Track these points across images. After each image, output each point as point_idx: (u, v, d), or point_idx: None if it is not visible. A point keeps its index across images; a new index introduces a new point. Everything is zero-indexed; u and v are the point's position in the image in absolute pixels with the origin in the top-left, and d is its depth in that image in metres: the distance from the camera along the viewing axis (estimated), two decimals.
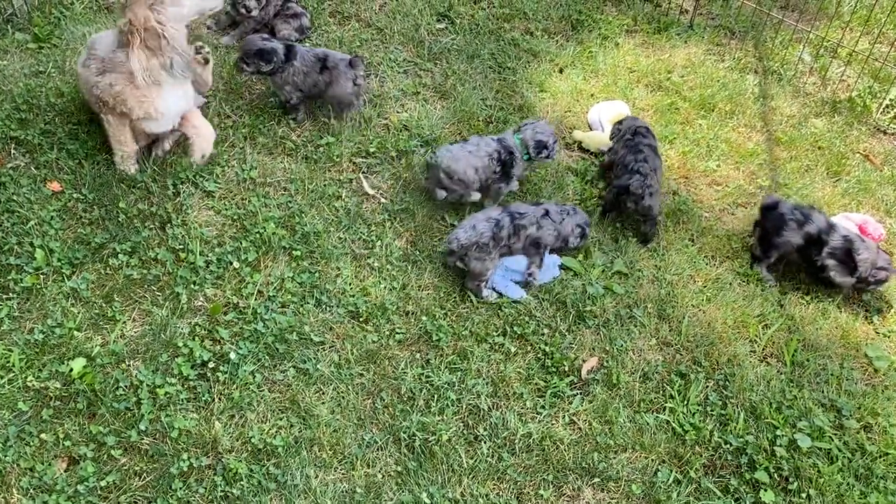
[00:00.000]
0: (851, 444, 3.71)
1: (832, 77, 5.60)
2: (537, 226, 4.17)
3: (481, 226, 4.07)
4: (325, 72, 4.69)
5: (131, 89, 4.09)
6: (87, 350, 3.63)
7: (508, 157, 4.39)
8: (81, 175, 4.29)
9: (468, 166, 4.31)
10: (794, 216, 4.22)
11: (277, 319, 3.83)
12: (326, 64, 4.70)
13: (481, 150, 4.36)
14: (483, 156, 4.35)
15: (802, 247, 4.22)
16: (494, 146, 4.39)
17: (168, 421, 3.44)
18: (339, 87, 4.71)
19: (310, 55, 4.70)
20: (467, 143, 4.42)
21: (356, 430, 3.55)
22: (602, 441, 3.61)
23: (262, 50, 4.57)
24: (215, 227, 4.20)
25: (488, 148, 4.38)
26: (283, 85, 4.67)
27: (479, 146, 4.38)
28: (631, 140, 4.52)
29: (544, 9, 5.81)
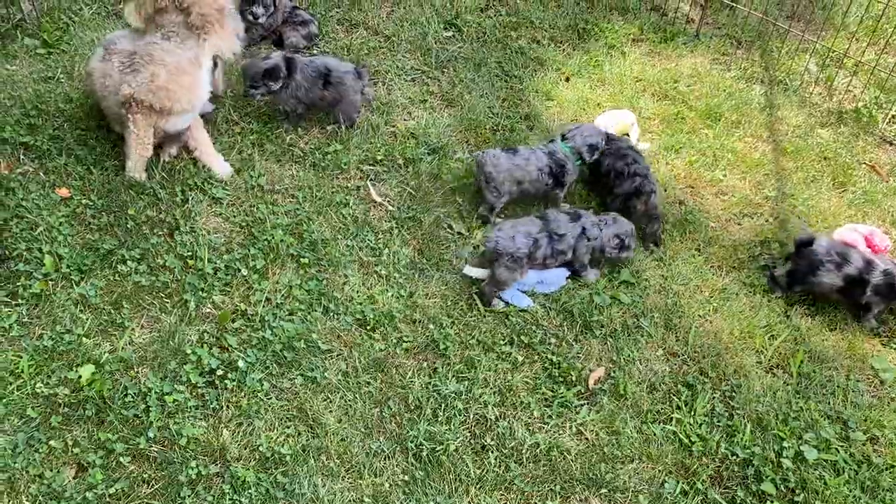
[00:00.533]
0: (858, 456, 3.71)
1: (838, 87, 5.61)
2: (573, 249, 4.19)
3: (520, 240, 4.08)
4: (329, 87, 4.70)
5: (178, 78, 4.10)
6: (96, 357, 3.63)
7: (560, 170, 4.46)
8: (90, 181, 4.31)
9: (509, 179, 4.37)
10: (831, 258, 4.19)
11: (285, 327, 3.84)
12: (330, 79, 4.70)
13: (531, 165, 4.41)
14: (532, 170, 4.40)
15: (843, 287, 4.22)
16: (546, 161, 4.44)
17: (176, 428, 3.45)
18: (349, 103, 4.73)
19: (309, 68, 4.69)
20: (516, 155, 4.44)
21: (363, 438, 3.56)
22: (609, 452, 3.62)
23: (268, 70, 4.56)
24: (223, 233, 4.21)
25: (539, 162, 4.42)
26: (287, 99, 4.68)
27: (528, 159, 4.42)
28: (609, 148, 4.55)
29: (551, 18, 5.83)
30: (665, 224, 4.56)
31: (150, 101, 4.08)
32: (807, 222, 4.59)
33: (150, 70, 4.06)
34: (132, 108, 4.10)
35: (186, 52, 4.15)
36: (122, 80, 4.09)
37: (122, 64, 4.11)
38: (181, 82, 4.12)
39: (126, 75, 4.08)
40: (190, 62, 4.16)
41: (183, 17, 4.13)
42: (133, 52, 4.12)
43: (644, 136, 5.07)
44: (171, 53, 4.11)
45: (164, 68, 4.07)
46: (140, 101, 4.07)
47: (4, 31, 5.09)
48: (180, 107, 4.16)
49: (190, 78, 4.16)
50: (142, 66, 4.08)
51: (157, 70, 4.06)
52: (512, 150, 4.49)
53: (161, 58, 4.08)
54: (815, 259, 4.19)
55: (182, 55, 4.13)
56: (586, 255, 4.22)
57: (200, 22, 4.13)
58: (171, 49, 4.11)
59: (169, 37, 4.13)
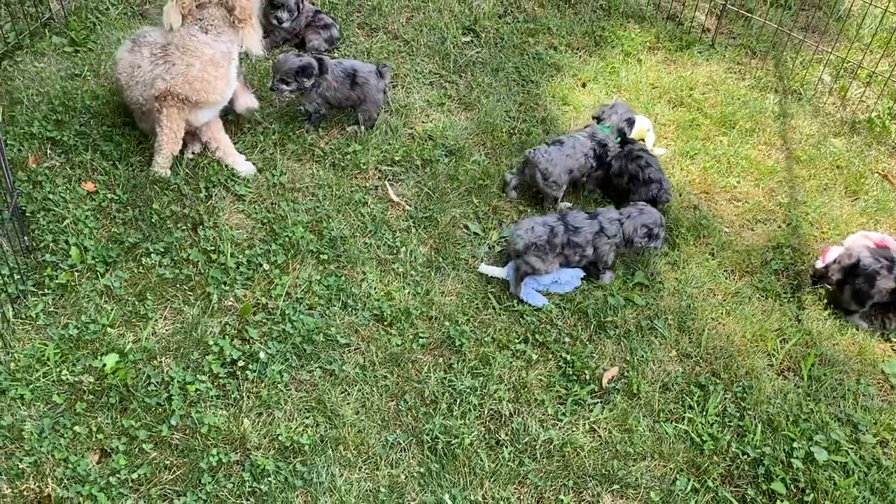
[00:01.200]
0: (867, 459, 3.75)
1: (852, 98, 5.67)
2: (592, 246, 4.24)
3: (538, 229, 4.19)
4: (356, 87, 4.80)
5: (212, 69, 4.21)
6: (120, 346, 3.72)
7: (603, 150, 4.66)
8: (115, 176, 4.40)
9: (564, 170, 4.56)
10: (881, 264, 4.26)
11: (305, 321, 3.91)
12: (356, 80, 4.80)
13: (577, 152, 4.60)
14: (580, 156, 4.60)
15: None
16: (590, 144, 4.64)
17: (198, 417, 3.53)
18: (372, 102, 4.83)
19: (339, 69, 4.80)
20: (563, 146, 4.60)
21: (380, 430, 3.62)
22: (622, 449, 3.67)
23: (302, 67, 4.65)
24: (246, 229, 4.29)
25: (584, 148, 4.62)
26: (315, 98, 4.77)
27: (574, 147, 4.61)
28: (622, 150, 4.66)
29: (568, 24, 5.91)
30: (680, 228, 4.62)
31: (186, 92, 4.18)
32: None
33: (186, 61, 4.17)
34: (167, 101, 4.20)
35: (221, 45, 4.26)
36: (154, 73, 4.19)
37: (154, 55, 4.22)
38: (215, 73, 4.22)
39: (159, 67, 4.19)
40: (223, 55, 4.27)
41: (222, 11, 4.23)
42: (167, 45, 4.22)
43: (659, 142, 5.13)
44: (208, 45, 4.22)
45: (198, 60, 4.17)
46: (176, 93, 4.17)
47: (33, 30, 5.20)
48: (215, 98, 4.27)
49: (224, 70, 4.28)
50: (177, 57, 4.18)
51: (193, 61, 4.17)
52: (558, 141, 4.64)
53: (196, 48, 4.19)
54: (868, 272, 4.25)
55: (217, 47, 4.25)
56: (610, 254, 4.26)
57: (242, 16, 4.24)
58: (208, 41, 4.23)
59: (207, 30, 4.24)
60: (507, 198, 4.70)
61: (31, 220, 4.14)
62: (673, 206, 4.74)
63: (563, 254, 4.22)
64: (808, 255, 4.61)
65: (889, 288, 4.25)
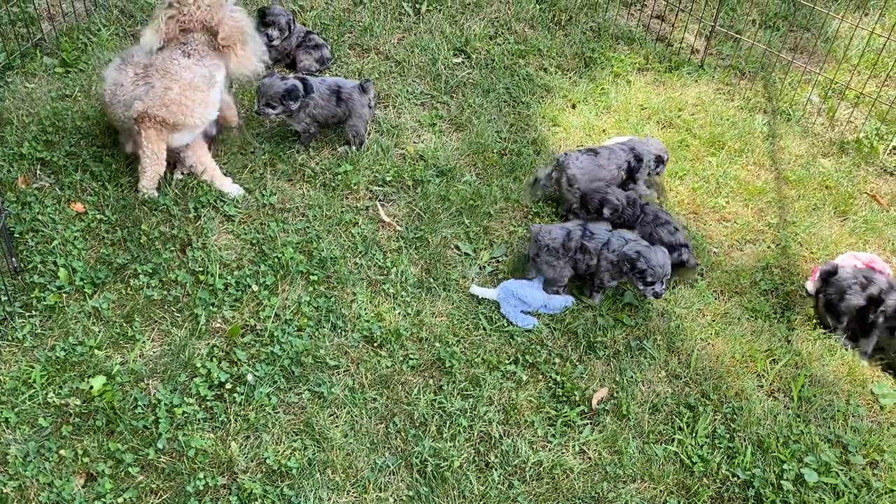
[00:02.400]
0: (857, 480, 3.75)
1: (840, 118, 5.71)
2: (597, 257, 4.25)
3: (556, 231, 4.26)
4: (341, 103, 4.83)
5: (191, 93, 4.22)
6: (108, 368, 3.70)
7: (638, 165, 4.75)
8: (105, 197, 4.40)
9: (592, 180, 4.64)
10: (856, 280, 4.27)
11: (294, 342, 3.90)
12: (341, 95, 4.83)
13: (611, 163, 4.71)
14: (612, 168, 4.70)
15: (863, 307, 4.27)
16: (624, 157, 4.73)
17: (185, 440, 3.50)
18: (357, 116, 4.85)
19: (323, 87, 4.83)
20: (597, 157, 4.70)
21: (369, 453, 3.60)
22: (612, 471, 3.66)
23: (288, 90, 4.66)
24: (234, 250, 4.29)
25: (618, 160, 4.72)
26: (304, 118, 4.78)
27: (609, 159, 4.72)
28: (641, 213, 4.58)
29: (558, 46, 5.94)
30: None
31: (163, 115, 4.18)
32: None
33: (164, 84, 4.18)
34: (145, 122, 4.20)
35: (202, 69, 4.27)
36: (134, 94, 4.21)
37: (136, 75, 4.23)
38: (194, 97, 4.23)
39: (139, 88, 4.20)
40: (203, 79, 4.28)
41: (207, 36, 4.25)
42: (149, 65, 4.23)
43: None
44: (188, 70, 4.23)
45: (177, 83, 4.18)
46: (153, 115, 4.18)
47: (24, 50, 5.21)
48: (192, 121, 4.27)
49: (203, 94, 4.28)
50: (157, 80, 4.19)
51: (171, 84, 4.17)
52: (592, 151, 4.77)
53: (176, 72, 4.20)
54: (840, 284, 4.26)
55: (197, 71, 4.25)
56: (605, 273, 4.25)
57: (225, 43, 4.26)
58: (189, 65, 4.24)
59: (190, 54, 4.25)
60: (531, 197, 4.80)
61: (19, 242, 4.13)
62: None
63: (575, 258, 4.26)
64: (798, 275, 4.62)
65: (857, 305, 4.26)
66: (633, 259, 4.11)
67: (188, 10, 4.19)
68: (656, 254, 4.11)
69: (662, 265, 4.09)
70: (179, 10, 4.19)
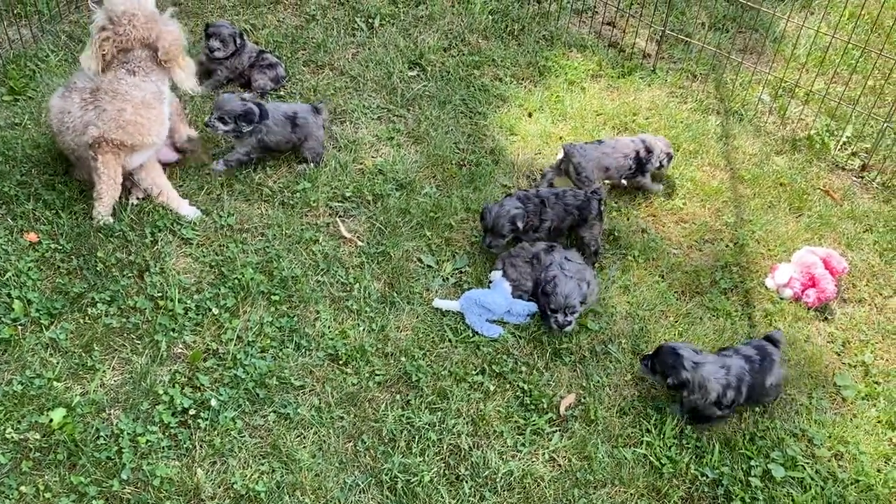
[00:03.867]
0: (823, 473, 3.80)
1: (791, 116, 5.81)
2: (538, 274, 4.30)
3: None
4: (296, 129, 4.80)
5: (145, 112, 4.16)
6: (67, 400, 3.62)
7: (647, 155, 4.91)
8: (59, 225, 4.32)
9: (597, 167, 4.77)
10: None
11: (257, 364, 3.86)
12: (297, 121, 4.81)
13: (617, 152, 4.85)
14: (618, 156, 4.84)
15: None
16: (633, 146, 4.89)
17: (150, 469, 3.44)
18: (314, 139, 4.85)
19: (278, 113, 4.79)
20: (604, 145, 4.87)
21: (338, 473, 3.57)
22: (582, 477, 3.67)
23: (245, 112, 4.63)
24: (194, 273, 4.23)
25: (626, 149, 4.87)
26: (252, 143, 4.74)
27: (615, 147, 4.87)
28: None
29: (512, 56, 5.98)
30: (633, 251, 4.67)
31: (121, 137, 4.12)
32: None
33: (117, 106, 4.12)
34: (102, 147, 4.14)
35: (150, 85, 4.23)
36: (85, 119, 4.14)
37: (83, 101, 4.16)
38: (148, 115, 4.18)
39: (89, 113, 4.13)
40: (154, 95, 4.24)
41: (148, 52, 4.20)
42: (96, 89, 4.17)
43: None
44: (137, 87, 4.18)
45: (129, 103, 4.13)
46: (111, 139, 4.11)
47: None
48: (150, 140, 4.22)
49: (156, 111, 4.23)
50: (107, 102, 4.13)
51: (124, 105, 4.12)
52: (598, 140, 4.94)
53: (126, 92, 4.15)
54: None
55: (146, 88, 4.21)
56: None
57: (167, 57, 4.21)
58: (137, 83, 4.19)
59: (135, 72, 4.20)
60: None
61: None
62: (622, 231, 4.79)
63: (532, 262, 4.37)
64: (757, 272, 4.69)
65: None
66: (544, 283, 4.17)
67: (123, 29, 4.13)
68: (566, 284, 4.09)
69: (566, 296, 4.06)
70: (114, 31, 4.13)
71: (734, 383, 3.80)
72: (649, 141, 4.97)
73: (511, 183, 5.04)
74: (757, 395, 3.91)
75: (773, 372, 3.90)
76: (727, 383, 3.78)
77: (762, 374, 3.87)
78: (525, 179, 5.09)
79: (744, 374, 3.83)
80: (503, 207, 4.41)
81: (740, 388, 3.81)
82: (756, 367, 3.87)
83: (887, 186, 5.38)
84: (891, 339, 4.46)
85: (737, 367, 3.84)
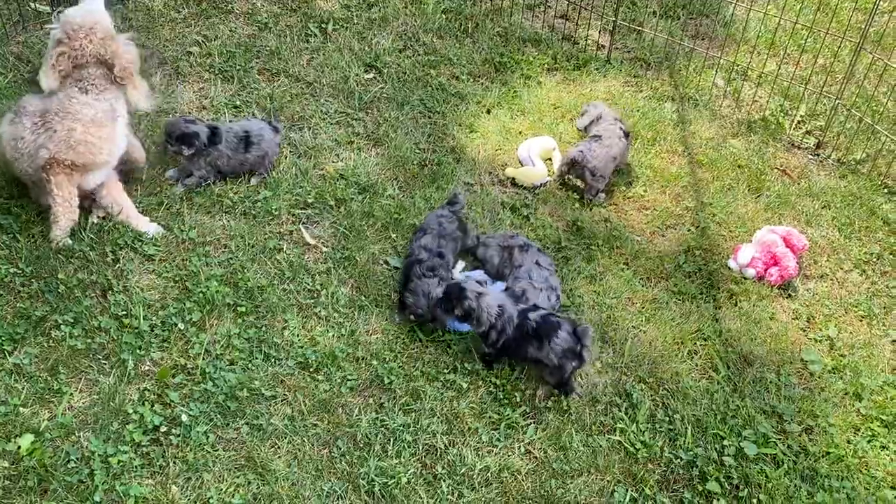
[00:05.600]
0: (795, 448, 3.86)
1: (745, 99, 5.89)
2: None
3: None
4: (251, 147, 4.77)
5: (95, 130, 4.10)
6: (35, 425, 3.57)
7: (629, 130, 5.15)
8: (16, 249, 4.25)
9: (608, 160, 4.90)
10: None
11: (227, 377, 3.83)
12: (251, 140, 4.77)
13: (614, 138, 4.96)
14: (616, 140, 4.96)
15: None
16: (616, 125, 5.04)
17: (123, 489, 3.40)
18: (273, 155, 4.86)
19: (231, 135, 4.75)
20: (602, 140, 4.94)
21: (314, 481, 3.55)
22: (558, 467, 3.69)
23: (184, 134, 4.61)
24: (157, 290, 4.19)
25: (617, 133, 5.00)
26: (203, 166, 4.71)
27: (611, 137, 4.95)
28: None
29: (467, 53, 6.00)
30: (596, 240, 4.71)
31: (71, 157, 4.06)
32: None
33: (67, 126, 4.06)
34: (54, 169, 4.08)
35: (103, 103, 4.18)
36: (37, 143, 4.07)
37: (34, 124, 4.09)
38: (99, 134, 4.13)
39: (40, 136, 4.07)
40: (106, 113, 4.18)
41: (103, 70, 4.15)
42: (45, 111, 4.11)
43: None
44: (88, 106, 4.13)
45: (79, 122, 4.07)
46: (62, 160, 4.05)
47: None
48: (102, 159, 4.17)
49: (108, 129, 4.18)
50: (56, 123, 4.07)
51: (73, 125, 4.06)
52: (596, 137, 4.98)
53: (77, 111, 4.09)
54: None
55: (98, 106, 4.16)
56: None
57: (123, 74, 4.16)
58: (88, 101, 4.14)
59: (87, 90, 4.15)
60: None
61: None
62: (585, 221, 4.82)
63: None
64: (719, 254, 4.75)
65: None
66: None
67: (79, 44, 4.08)
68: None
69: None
70: (70, 46, 4.08)
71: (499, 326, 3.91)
72: (608, 110, 5.16)
73: (473, 180, 5.05)
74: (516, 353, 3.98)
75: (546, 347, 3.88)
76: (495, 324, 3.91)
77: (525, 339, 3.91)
78: (487, 176, 5.09)
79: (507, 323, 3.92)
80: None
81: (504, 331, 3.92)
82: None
83: (843, 162, 5.48)
84: (853, 312, 4.54)
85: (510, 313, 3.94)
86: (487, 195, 4.94)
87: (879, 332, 4.45)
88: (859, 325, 4.49)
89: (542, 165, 5.13)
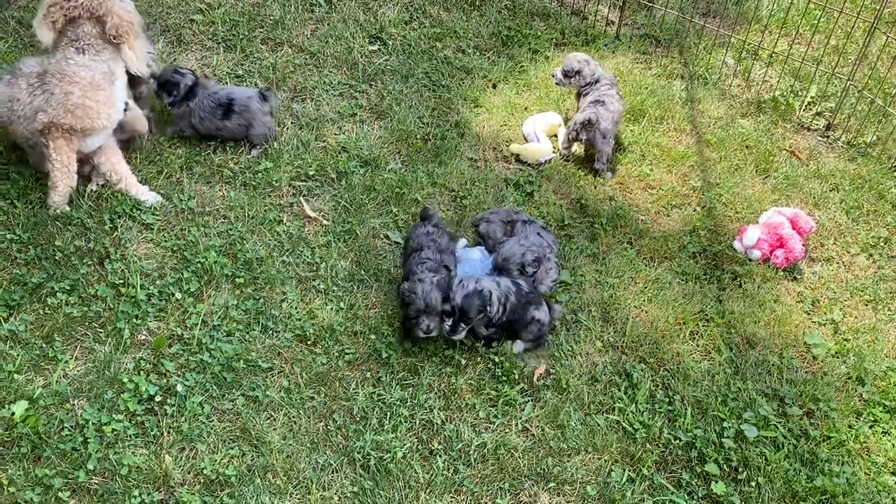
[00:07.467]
0: (795, 431, 3.82)
1: (755, 78, 5.80)
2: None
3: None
4: (231, 116, 4.69)
5: (93, 94, 4.05)
6: (29, 392, 3.55)
7: (621, 91, 5.20)
8: (14, 215, 4.21)
9: (613, 123, 4.92)
10: None
11: (223, 348, 3.80)
12: (233, 108, 4.68)
13: (615, 102, 4.96)
14: (616, 103, 4.97)
15: None
16: (615, 91, 5.04)
17: (117, 458, 3.38)
18: (259, 126, 4.74)
19: (210, 100, 4.68)
20: (606, 105, 4.90)
21: (310, 453, 3.53)
22: (555, 445, 3.66)
23: (167, 82, 4.66)
24: (155, 259, 4.15)
25: (616, 97, 5.01)
26: (179, 123, 4.71)
27: (613, 102, 4.94)
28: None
29: (474, 27, 5.91)
30: (600, 219, 4.65)
31: (70, 122, 4.00)
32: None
33: (64, 89, 4.00)
34: (52, 133, 4.02)
35: (100, 65, 4.11)
36: (34, 105, 4.01)
37: (31, 86, 4.03)
38: (97, 98, 4.06)
39: (38, 98, 4.01)
40: (104, 76, 4.11)
41: (98, 28, 4.08)
42: (43, 72, 4.04)
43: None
44: (86, 68, 4.06)
45: (77, 86, 4.01)
46: (60, 124, 3.99)
47: None
48: (100, 123, 4.11)
49: (106, 93, 4.12)
50: (55, 85, 4.01)
51: (71, 88, 4.00)
52: (600, 102, 4.93)
53: (74, 73, 4.03)
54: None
55: (96, 68, 4.09)
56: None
57: (116, 32, 4.09)
58: (85, 63, 4.07)
59: (84, 49, 4.08)
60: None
61: None
62: (590, 199, 4.76)
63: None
64: (725, 235, 4.69)
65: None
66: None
67: None
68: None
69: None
70: None
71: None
72: (599, 69, 5.14)
73: (477, 156, 4.98)
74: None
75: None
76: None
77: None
78: (491, 151, 5.03)
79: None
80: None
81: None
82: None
83: (852, 145, 5.40)
84: (859, 296, 4.48)
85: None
86: (491, 171, 4.88)
87: (885, 316, 4.40)
88: (864, 309, 4.43)
89: (548, 142, 5.06)
